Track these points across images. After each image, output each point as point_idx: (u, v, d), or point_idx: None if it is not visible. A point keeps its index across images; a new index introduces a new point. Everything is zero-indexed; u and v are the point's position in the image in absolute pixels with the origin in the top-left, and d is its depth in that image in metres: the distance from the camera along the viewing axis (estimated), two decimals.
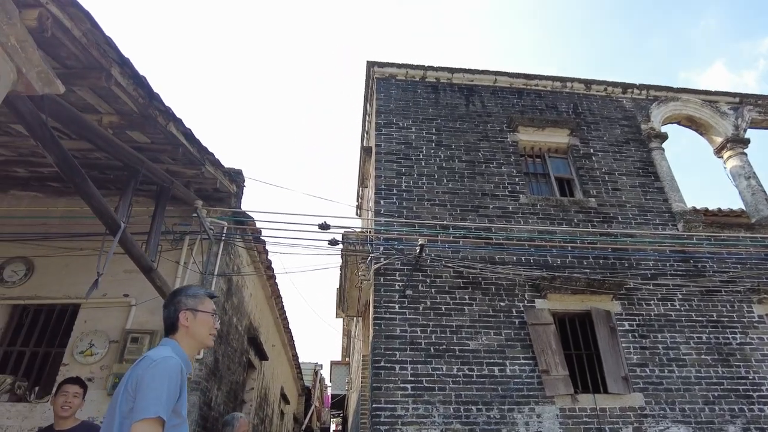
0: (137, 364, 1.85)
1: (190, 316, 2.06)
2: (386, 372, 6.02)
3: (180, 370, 1.83)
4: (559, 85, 9.18)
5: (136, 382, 1.76)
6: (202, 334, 2.08)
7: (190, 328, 2.04)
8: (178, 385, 1.80)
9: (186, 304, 2.07)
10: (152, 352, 1.90)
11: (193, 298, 2.11)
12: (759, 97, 9.60)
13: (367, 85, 9.09)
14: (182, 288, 2.19)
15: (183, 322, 2.04)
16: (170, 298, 2.12)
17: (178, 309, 2.07)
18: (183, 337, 2.04)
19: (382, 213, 7.17)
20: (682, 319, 6.93)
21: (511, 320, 6.55)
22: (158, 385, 1.72)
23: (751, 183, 8.64)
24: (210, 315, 2.11)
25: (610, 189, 8.04)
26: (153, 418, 1.65)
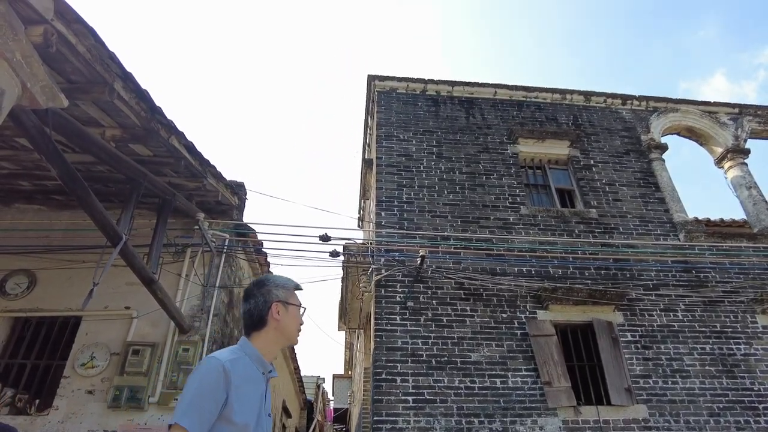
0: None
1: (281, 308, 1.82)
2: (387, 384, 5.99)
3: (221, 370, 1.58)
4: (558, 97, 9.24)
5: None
6: (291, 330, 1.86)
7: (281, 322, 1.81)
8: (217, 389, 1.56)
9: (277, 296, 1.83)
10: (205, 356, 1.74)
11: (283, 288, 1.88)
12: (758, 107, 9.63)
13: (368, 99, 9.17)
14: (268, 277, 1.93)
15: (275, 315, 1.80)
16: (256, 289, 1.86)
17: (269, 300, 1.82)
18: (270, 332, 1.81)
19: (383, 224, 7.19)
20: (685, 330, 6.89)
21: (513, 332, 6.53)
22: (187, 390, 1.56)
23: (752, 193, 8.64)
24: (298, 308, 1.90)
25: (610, 200, 8.05)
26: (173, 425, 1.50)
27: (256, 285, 1.88)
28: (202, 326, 5.88)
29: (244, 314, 1.84)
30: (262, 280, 1.91)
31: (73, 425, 5.08)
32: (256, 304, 1.82)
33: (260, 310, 1.81)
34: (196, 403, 1.52)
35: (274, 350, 1.84)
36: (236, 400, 1.59)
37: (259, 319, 1.80)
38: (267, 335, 1.80)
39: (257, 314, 1.81)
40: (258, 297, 1.83)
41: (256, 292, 1.84)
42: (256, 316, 1.81)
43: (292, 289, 1.90)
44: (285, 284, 1.89)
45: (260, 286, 1.86)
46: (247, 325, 1.83)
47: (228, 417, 1.56)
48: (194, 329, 5.81)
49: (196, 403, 1.52)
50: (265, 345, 1.80)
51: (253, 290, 1.86)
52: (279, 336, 1.83)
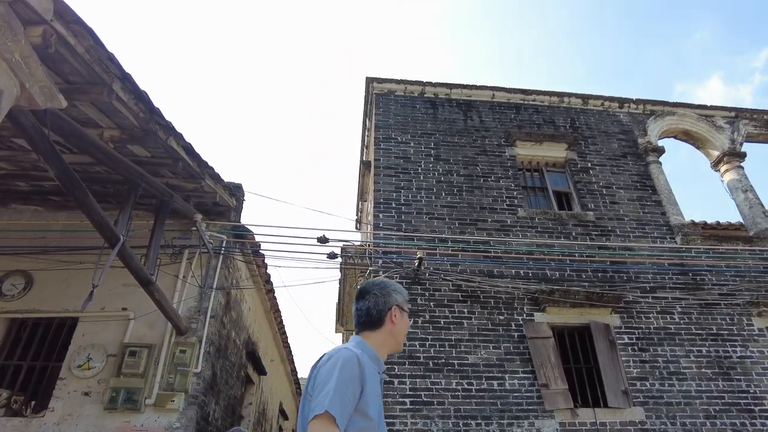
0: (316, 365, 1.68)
1: (398, 313, 1.84)
2: (385, 386, 5.99)
3: (356, 362, 1.58)
4: (556, 100, 9.27)
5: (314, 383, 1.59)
6: (402, 336, 1.87)
7: (396, 326, 1.83)
8: (355, 379, 1.55)
9: (397, 300, 1.86)
10: (330, 351, 1.69)
11: (401, 294, 1.90)
12: (754, 111, 9.68)
13: (367, 101, 9.18)
14: (387, 281, 1.94)
15: (392, 318, 1.82)
16: (376, 289, 1.87)
17: (389, 302, 1.84)
18: (383, 333, 1.81)
19: (381, 226, 7.19)
20: (681, 333, 6.91)
21: (510, 334, 6.53)
22: (327, 380, 1.53)
23: (748, 196, 8.68)
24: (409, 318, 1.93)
25: (608, 202, 8.08)
26: (320, 414, 1.44)
27: (377, 285, 1.89)
28: (199, 328, 5.87)
29: (360, 311, 1.85)
30: (383, 282, 1.92)
31: (69, 427, 5.06)
32: (377, 303, 1.83)
33: (380, 310, 1.82)
34: (340, 392, 1.49)
35: (384, 352, 1.83)
36: (369, 394, 1.58)
37: (378, 319, 1.81)
38: (381, 336, 1.81)
39: (377, 314, 1.82)
40: (379, 297, 1.84)
41: (377, 292, 1.85)
42: (375, 315, 1.82)
43: (406, 296, 1.93)
44: (402, 291, 1.92)
45: (381, 287, 1.88)
46: (363, 323, 1.84)
47: (363, 410, 1.55)
48: (191, 331, 5.80)
49: (340, 392, 1.49)
50: (378, 346, 1.79)
51: (372, 289, 1.87)
52: (391, 339, 1.84)
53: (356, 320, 1.86)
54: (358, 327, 1.85)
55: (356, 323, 1.86)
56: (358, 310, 1.86)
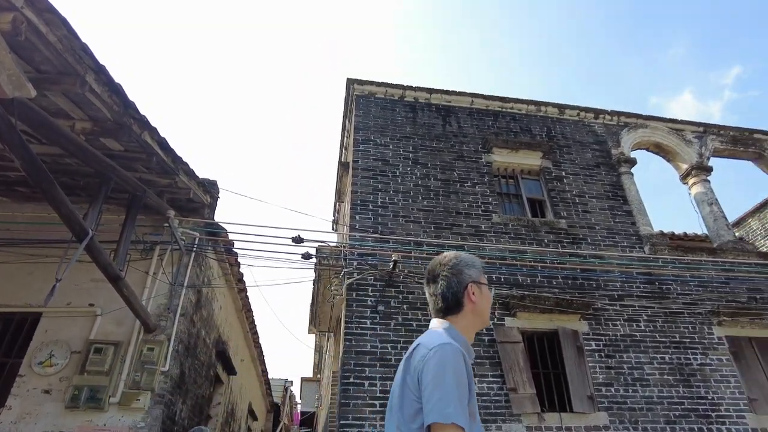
0: (410, 356, 1.52)
1: (476, 289, 1.66)
2: (355, 388, 5.99)
3: (463, 360, 1.44)
4: (533, 108, 9.43)
5: (417, 377, 1.43)
6: (486, 311, 1.70)
7: (477, 304, 1.65)
8: (465, 381, 1.41)
9: (471, 275, 1.67)
10: (425, 339, 1.53)
11: (474, 268, 1.70)
12: (721, 127, 10.03)
13: (347, 102, 9.18)
14: (454, 258, 1.72)
15: (471, 297, 1.64)
16: (446, 270, 1.68)
17: (463, 281, 1.65)
18: (467, 315, 1.64)
19: (357, 228, 7.20)
20: (646, 340, 7.10)
21: (481, 338, 6.61)
22: (439, 381, 1.37)
23: (713, 209, 8.98)
24: (489, 288, 1.74)
25: (580, 211, 8.25)
26: (447, 425, 1.31)
27: (445, 265, 1.70)
28: (168, 326, 5.77)
29: (436, 297, 1.68)
30: (451, 260, 1.72)
31: (27, 426, 4.91)
32: (449, 285, 1.65)
33: (455, 292, 1.65)
34: (461, 399, 1.36)
35: (471, 335, 1.67)
36: (471, 392, 1.45)
37: (456, 303, 1.64)
38: (465, 319, 1.64)
39: (452, 297, 1.64)
40: (450, 278, 1.66)
41: (447, 273, 1.67)
42: (451, 300, 1.64)
43: (480, 267, 1.73)
44: (474, 263, 1.72)
45: (450, 267, 1.69)
46: (440, 310, 1.66)
47: (472, 411, 1.43)
48: (160, 328, 5.70)
49: (461, 399, 1.36)
50: (465, 329, 1.63)
51: (441, 271, 1.69)
52: (476, 319, 1.67)
53: (433, 306, 1.70)
54: (437, 313, 1.68)
55: (433, 309, 1.70)
56: (433, 296, 1.70)
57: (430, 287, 1.71)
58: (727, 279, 7.98)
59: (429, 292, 1.72)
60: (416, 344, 1.53)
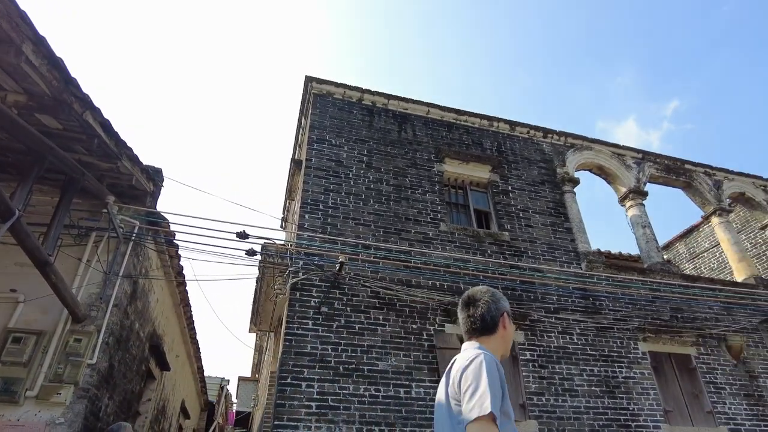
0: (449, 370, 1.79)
1: (507, 320, 1.97)
2: (292, 389, 5.92)
3: (496, 364, 1.69)
4: (486, 123, 9.69)
5: (458, 384, 1.68)
6: (510, 340, 1.99)
7: (507, 330, 1.95)
8: (498, 381, 1.64)
9: (505, 307, 1.98)
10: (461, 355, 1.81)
11: (506, 302, 2.03)
12: (658, 155, 10.67)
13: (304, 99, 9.11)
14: (492, 289, 2.05)
15: (504, 324, 1.95)
16: (486, 296, 1.98)
17: (500, 309, 1.96)
18: (497, 339, 1.92)
19: (306, 227, 7.14)
20: (578, 353, 7.42)
21: (421, 343, 6.70)
22: (481, 381, 1.60)
23: (646, 232, 9.52)
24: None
25: (523, 225, 8.54)
26: (484, 415, 1.51)
27: (486, 293, 1.99)
28: (99, 316, 5.51)
29: (474, 318, 1.94)
30: (490, 290, 2.02)
31: None
32: (489, 310, 1.93)
33: (493, 317, 1.93)
34: (493, 394, 1.55)
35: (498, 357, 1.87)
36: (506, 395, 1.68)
37: (493, 325, 1.92)
38: (495, 342, 1.90)
39: (490, 320, 1.92)
40: (490, 304, 1.94)
41: (488, 299, 1.96)
42: (489, 322, 1.92)
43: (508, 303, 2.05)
44: (505, 299, 2.04)
45: (490, 295, 1.98)
46: (476, 329, 1.93)
47: (506, 410, 1.64)
48: (90, 319, 5.43)
49: (494, 394, 1.56)
50: (494, 351, 1.86)
51: (482, 297, 1.97)
52: (502, 344, 1.93)
53: (468, 327, 1.96)
54: (471, 333, 1.95)
55: (468, 330, 1.96)
56: (471, 317, 1.95)
57: (469, 310, 1.97)
58: (654, 298, 8.48)
59: (465, 314, 1.98)
60: (454, 360, 1.81)
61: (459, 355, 1.84)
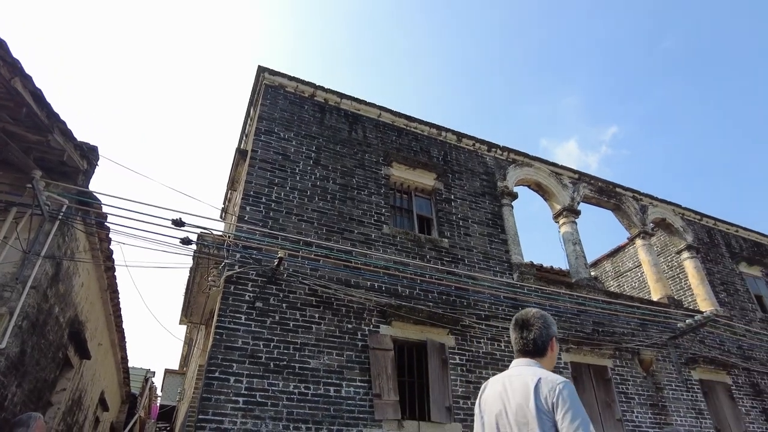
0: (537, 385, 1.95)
1: (555, 344, 2.19)
2: (219, 383, 5.81)
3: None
4: (435, 132, 9.90)
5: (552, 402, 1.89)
6: (555, 361, 2.20)
7: (554, 353, 2.18)
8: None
9: (554, 332, 2.17)
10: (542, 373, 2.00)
11: (555, 327, 2.22)
12: (592, 177, 11.30)
13: (255, 89, 8.95)
14: (544, 313, 2.24)
15: (552, 348, 2.17)
16: (540, 321, 2.18)
17: (550, 334, 2.16)
18: (546, 360, 2.13)
19: (246, 220, 7.02)
20: (504, 359, 7.72)
21: (355, 343, 6.75)
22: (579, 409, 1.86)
23: (576, 248, 10.05)
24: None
25: (462, 233, 8.80)
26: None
27: (538, 318, 2.19)
28: (14, 297, 5.17)
29: (527, 341, 2.16)
30: (542, 314, 2.22)
31: None
32: (541, 334, 2.14)
33: (544, 341, 2.14)
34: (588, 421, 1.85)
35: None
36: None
37: (543, 348, 2.14)
38: (545, 362, 2.12)
39: (542, 343, 2.14)
40: (543, 328, 2.15)
41: (540, 324, 2.17)
42: (541, 345, 2.14)
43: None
44: (555, 323, 2.24)
45: (542, 319, 2.19)
46: (530, 351, 2.15)
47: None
48: (2, 300, 5.08)
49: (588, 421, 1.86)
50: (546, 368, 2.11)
51: (535, 322, 2.18)
52: (550, 364, 2.14)
53: (521, 347, 2.18)
54: (523, 353, 2.17)
55: (521, 349, 2.18)
56: (524, 339, 2.17)
57: (522, 332, 2.19)
58: (579, 311, 8.97)
59: (519, 335, 2.20)
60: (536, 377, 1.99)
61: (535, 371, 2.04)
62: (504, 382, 2.09)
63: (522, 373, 2.06)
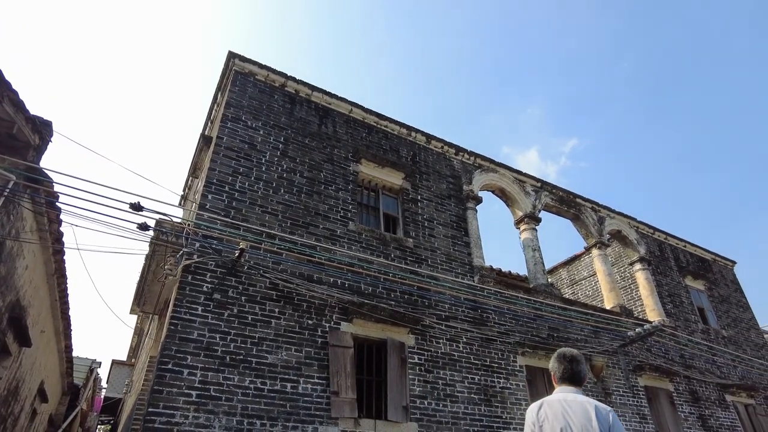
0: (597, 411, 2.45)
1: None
2: (172, 376, 5.59)
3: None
4: (405, 132, 9.89)
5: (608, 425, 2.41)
6: None
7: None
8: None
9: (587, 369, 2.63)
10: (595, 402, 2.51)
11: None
12: (554, 186, 11.57)
13: (224, 75, 8.69)
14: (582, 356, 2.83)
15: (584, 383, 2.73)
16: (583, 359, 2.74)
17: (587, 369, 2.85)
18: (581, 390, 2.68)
19: (207, 208, 6.79)
20: (462, 360, 7.79)
21: (315, 339, 6.65)
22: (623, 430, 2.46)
23: (535, 255, 10.26)
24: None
25: (426, 234, 8.82)
26: None
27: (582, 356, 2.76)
28: None
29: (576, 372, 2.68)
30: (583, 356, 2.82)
31: None
32: (585, 368, 2.72)
33: (585, 374, 2.73)
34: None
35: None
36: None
37: (583, 379, 2.69)
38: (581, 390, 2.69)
39: (584, 375, 2.70)
40: (585, 364, 2.73)
41: (584, 361, 2.74)
42: (583, 376, 2.70)
43: None
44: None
45: (585, 360, 2.78)
46: (577, 381, 2.67)
47: None
48: None
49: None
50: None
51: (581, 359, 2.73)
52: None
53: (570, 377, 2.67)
54: (570, 382, 2.66)
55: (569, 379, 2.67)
56: (574, 371, 2.68)
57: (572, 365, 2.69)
58: (536, 316, 9.15)
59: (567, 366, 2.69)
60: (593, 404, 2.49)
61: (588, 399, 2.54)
62: (562, 404, 2.51)
63: (576, 399, 2.52)
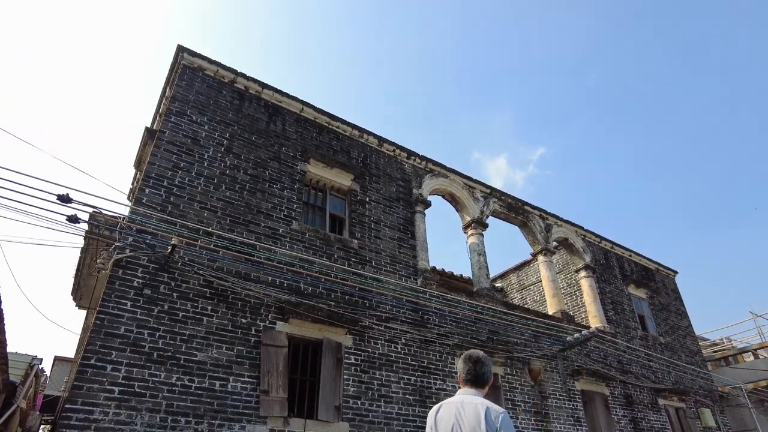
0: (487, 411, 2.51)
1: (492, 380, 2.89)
2: (94, 371, 5.48)
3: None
4: (357, 133, 9.95)
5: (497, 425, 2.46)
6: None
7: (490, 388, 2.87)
8: None
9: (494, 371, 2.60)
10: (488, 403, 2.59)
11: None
12: (503, 193, 11.84)
13: (173, 69, 8.55)
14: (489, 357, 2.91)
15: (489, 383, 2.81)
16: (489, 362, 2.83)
17: (491, 372, 2.83)
18: (486, 391, 2.77)
19: (143, 202, 6.68)
20: (399, 361, 7.90)
21: (248, 338, 6.62)
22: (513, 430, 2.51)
23: (480, 259, 10.48)
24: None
25: (372, 236, 8.90)
26: None
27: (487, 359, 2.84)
28: None
29: (479, 374, 2.76)
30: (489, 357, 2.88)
31: None
32: (489, 371, 2.79)
33: (489, 377, 2.78)
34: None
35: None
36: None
37: (485, 381, 2.77)
38: (484, 393, 2.75)
39: (486, 378, 2.77)
40: (489, 367, 2.81)
41: (489, 363, 2.82)
42: (486, 378, 2.77)
43: None
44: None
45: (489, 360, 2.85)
46: (477, 382, 2.76)
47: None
48: None
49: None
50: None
51: (486, 360, 2.81)
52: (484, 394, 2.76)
53: (471, 377, 2.76)
54: (471, 384, 2.75)
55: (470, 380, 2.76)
56: (475, 373, 2.76)
57: (475, 366, 2.77)
58: (476, 319, 9.36)
59: (470, 368, 2.77)
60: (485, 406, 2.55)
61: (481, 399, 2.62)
62: (457, 406, 2.61)
63: (472, 401, 2.59)
